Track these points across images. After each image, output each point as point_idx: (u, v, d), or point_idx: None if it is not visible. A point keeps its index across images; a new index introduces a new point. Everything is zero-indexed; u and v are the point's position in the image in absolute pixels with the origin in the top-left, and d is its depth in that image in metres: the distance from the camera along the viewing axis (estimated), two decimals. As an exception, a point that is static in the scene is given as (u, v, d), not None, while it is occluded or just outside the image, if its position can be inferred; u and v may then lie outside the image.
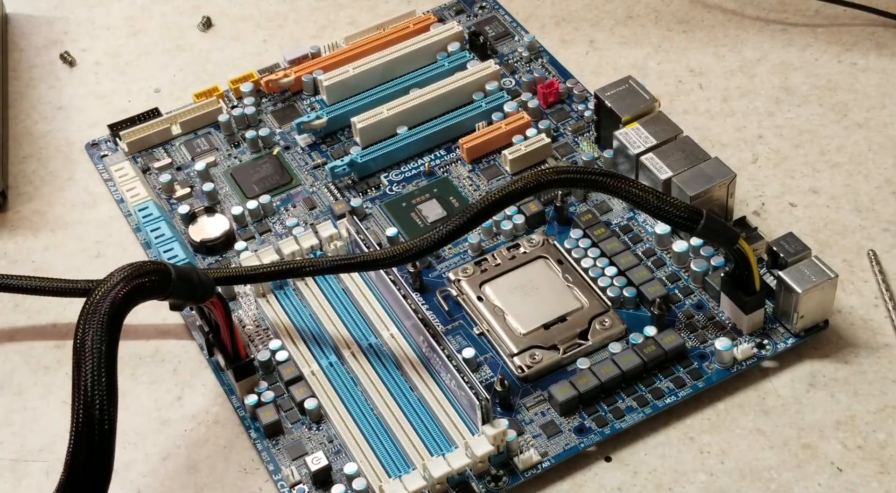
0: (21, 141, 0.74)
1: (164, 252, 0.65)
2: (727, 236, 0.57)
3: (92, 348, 0.46)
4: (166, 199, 0.70)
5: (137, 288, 0.49)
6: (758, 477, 0.55)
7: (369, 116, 0.71)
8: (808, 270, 0.59)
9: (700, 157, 0.64)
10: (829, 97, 0.72)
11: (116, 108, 0.77)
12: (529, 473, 0.56)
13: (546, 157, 0.70)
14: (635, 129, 0.66)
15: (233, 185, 0.70)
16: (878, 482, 0.55)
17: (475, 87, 0.73)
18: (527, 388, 0.59)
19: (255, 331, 0.62)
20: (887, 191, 0.67)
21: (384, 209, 0.68)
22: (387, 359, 0.60)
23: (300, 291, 0.63)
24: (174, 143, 0.73)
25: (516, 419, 0.58)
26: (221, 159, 0.72)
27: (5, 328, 0.64)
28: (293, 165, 0.71)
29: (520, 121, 0.71)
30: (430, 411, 0.58)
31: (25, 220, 0.69)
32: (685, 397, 0.58)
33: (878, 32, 0.75)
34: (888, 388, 0.59)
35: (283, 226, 0.68)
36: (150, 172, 0.71)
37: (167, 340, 0.63)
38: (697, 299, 0.62)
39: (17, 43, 0.79)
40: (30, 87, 0.77)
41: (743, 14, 0.77)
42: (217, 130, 0.74)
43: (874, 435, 0.57)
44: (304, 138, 0.73)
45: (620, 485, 0.56)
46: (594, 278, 0.63)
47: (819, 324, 0.60)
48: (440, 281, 0.64)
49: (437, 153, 0.71)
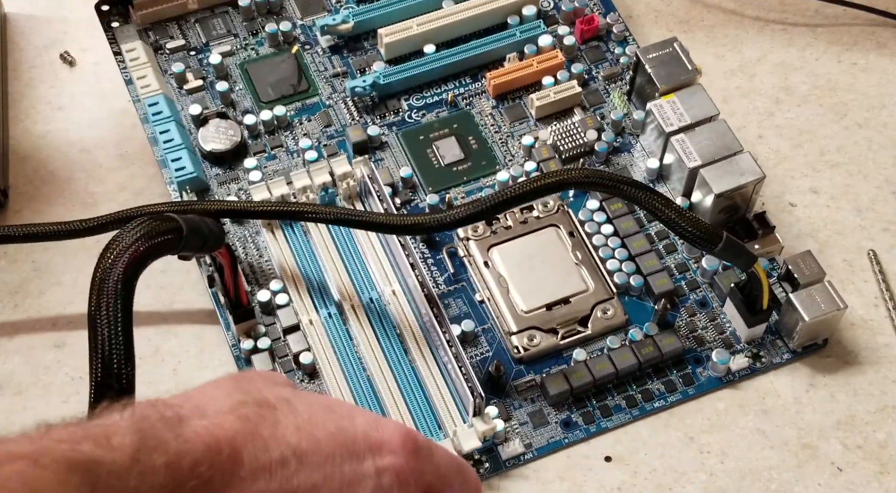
0: (21, 141, 0.74)
1: (171, 160, 0.64)
2: (744, 260, 0.57)
3: (108, 312, 0.46)
4: (177, 90, 0.67)
5: (152, 248, 0.49)
6: (758, 477, 0.56)
7: (397, 30, 0.68)
8: (819, 296, 0.58)
9: (732, 147, 0.62)
10: (829, 97, 0.72)
11: (116, 108, 0.77)
12: (511, 463, 0.56)
13: (574, 105, 0.68)
14: (671, 101, 0.63)
15: (247, 83, 0.68)
16: (878, 482, 0.55)
17: (512, 9, 0.70)
18: (521, 369, 0.59)
19: (256, 262, 0.62)
20: (887, 191, 0.67)
21: (401, 139, 0.66)
22: (386, 320, 0.60)
23: (309, 230, 0.62)
24: (189, 18, 0.70)
25: (505, 402, 0.58)
26: (237, 49, 0.69)
27: (5, 328, 0.64)
28: (311, 68, 0.69)
29: (552, 60, 0.68)
30: (424, 387, 0.58)
31: (25, 220, 0.69)
32: (674, 403, 0.59)
33: (878, 32, 0.75)
34: (888, 388, 0.59)
35: (295, 143, 0.66)
36: (162, 52, 0.68)
37: (167, 339, 0.63)
38: (702, 295, 0.62)
39: (17, 43, 0.79)
40: (30, 87, 0.77)
41: (743, 14, 0.77)
42: (236, 11, 0.70)
43: (874, 435, 0.57)
44: (327, 40, 0.70)
45: (620, 485, 0.56)
46: (603, 259, 0.62)
47: (818, 341, 0.61)
48: (449, 235, 0.63)
49: (463, 80, 0.69)
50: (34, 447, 0.36)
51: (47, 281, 0.66)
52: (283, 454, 0.41)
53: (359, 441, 0.43)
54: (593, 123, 0.67)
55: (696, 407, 0.59)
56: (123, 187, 0.72)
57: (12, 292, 0.65)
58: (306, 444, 0.42)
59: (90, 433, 0.38)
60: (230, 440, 0.40)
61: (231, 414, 0.41)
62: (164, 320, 0.64)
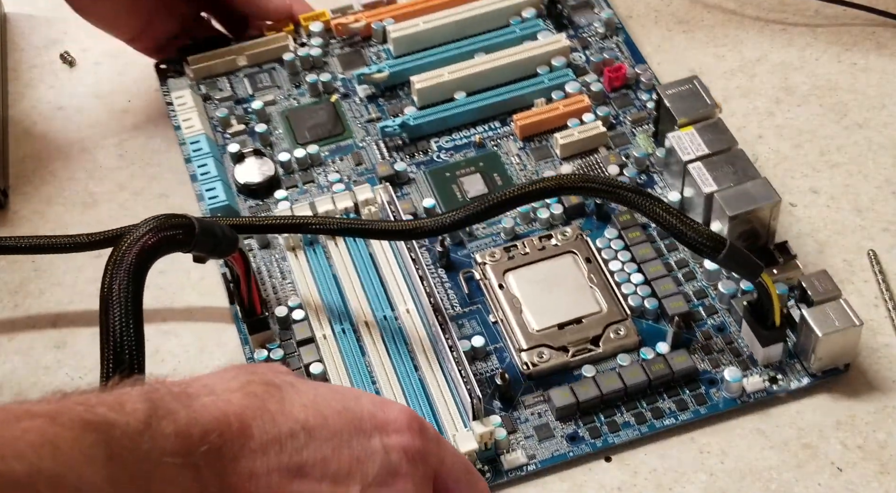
0: (21, 141, 0.74)
1: (205, 190, 0.67)
2: (750, 268, 0.56)
3: (119, 296, 0.48)
4: (220, 133, 0.71)
5: (163, 240, 0.51)
6: (758, 477, 0.55)
7: (429, 78, 0.71)
8: (833, 312, 0.57)
9: (749, 174, 0.62)
10: (829, 97, 0.72)
11: (116, 108, 0.77)
12: (513, 473, 0.56)
13: (599, 145, 0.69)
14: (690, 133, 0.64)
15: (286, 127, 0.71)
16: (878, 482, 0.55)
17: (541, 60, 0.72)
18: (530, 385, 0.59)
19: (279, 284, 0.63)
20: (887, 191, 0.67)
21: (427, 176, 0.68)
22: (397, 335, 0.60)
23: (329, 251, 0.64)
24: (238, 74, 0.74)
25: (511, 415, 0.58)
26: (280, 98, 0.73)
27: (5, 328, 0.64)
28: (349, 115, 0.72)
29: (579, 104, 0.70)
30: (428, 394, 0.58)
31: (25, 220, 0.69)
32: (685, 422, 0.57)
33: (878, 32, 0.75)
34: (888, 388, 0.59)
35: (326, 179, 0.68)
36: (210, 102, 0.73)
37: (167, 339, 0.63)
38: (720, 320, 0.61)
39: (17, 43, 0.79)
40: (30, 87, 0.77)
41: (743, 14, 0.77)
42: (282, 67, 0.74)
43: (874, 435, 0.57)
44: (365, 89, 0.73)
45: (620, 485, 0.56)
46: (619, 283, 0.62)
47: (839, 367, 0.59)
48: (468, 261, 0.64)
49: (491, 125, 0.71)
50: (53, 407, 0.38)
51: (47, 281, 0.66)
52: (291, 428, 0.43)
53: (365, 419, 0.45)
54: (616, 160, 0.68)
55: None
56: (123, 187, 0.72)
57: (12, 292, 0.65)
58: (314, 420, 0.43)
59: (104, 400, 0.39)
60: (238, 414, 0.42)
61: (239, 392, 0.43)
62: (164, 319, 0.64)
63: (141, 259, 0.50)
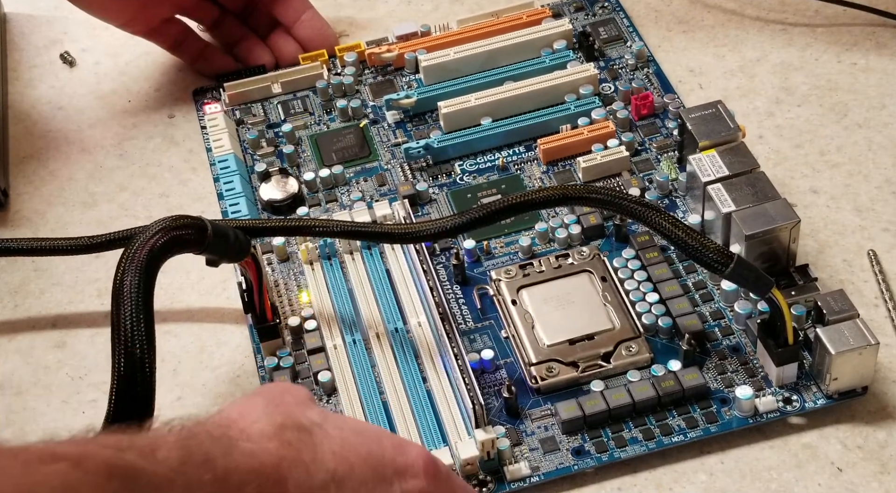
0: (21, 141, 0.74)
1: (229, 205, 0.68)
2: (759, 284, 0.55)
3: (130, 292, 0.49)
4: (251, 154, 0.72)
5: (175, 239, 0.51)
6: (758, 477, 0.55)
7: (455, 104, 0.72)
8: (848, 331, 0.56)
9: (769, 195, 0.61)
10: (829, 97, 0.72)
11: (116, 108, 0.77)
12: (516, 485, 0.55)
13: (622, 170, 0.68)
14: (711, 156, 0.64)
15: (314, 150, 0.72)
16: (878, 482, 0.55)
17: (569, 88, 0.72)
18: (538, 400, 0.59)
19: (296, 298, 0.64)
20: (887, 191, 0.67)
21: (449, 197, 0.69)
22: (408, 347, 0.60)
23: (346, 264, 0.64)
24: (272, 100, 0.76)
25: (517, 428, 0.57)
26: (311, 123, 0.74)
27: (5, 328, 0.64)
28: (376, 139, 0.73)
29: (603, 129, 0.70)
30: (434, 403, 0.58)
31: (25, 220, 0.69)
32: (694, 439, 0.56)
33: (878, 32, 0.75)
34: (888, 388, 0.59)
35: (349, 198, 0.69)
36: (244, 126, 0.74)
37: (167, 339, 0.63)
38: (736, 341, 0.60)
39: (17, 43, 0.79)
40: (30, 87, 0.77)
41: (743, 14, 0.77)
42: (315, 95, 0.76)
43: (874, 435, 0.57)
44: (393, 115, 0.74)
45: (620, 485, 0.56)
46: (633, 301, 0.61)
47: (857, 389, 0.57)
48: (484, 278, 0.64)
49: (516, 150, 0.71)
50: (78, 449, 0.37)
51: (47, 281, 0.66)
52: (323, 479, 0.44)
53: (387, 465, 0.47)
54: (638, 184, 0.67)
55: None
56: (123, 187, 0.72)
57: (12, 292, 0.66)
58: (342, 469, 0.45)
59: (136, 444, 0.39)
60: (276, 466, 0.43)
61: (275, 439, 0.44)
62: (164, 320, 0.64)
63: (153, 256, 0.50)
